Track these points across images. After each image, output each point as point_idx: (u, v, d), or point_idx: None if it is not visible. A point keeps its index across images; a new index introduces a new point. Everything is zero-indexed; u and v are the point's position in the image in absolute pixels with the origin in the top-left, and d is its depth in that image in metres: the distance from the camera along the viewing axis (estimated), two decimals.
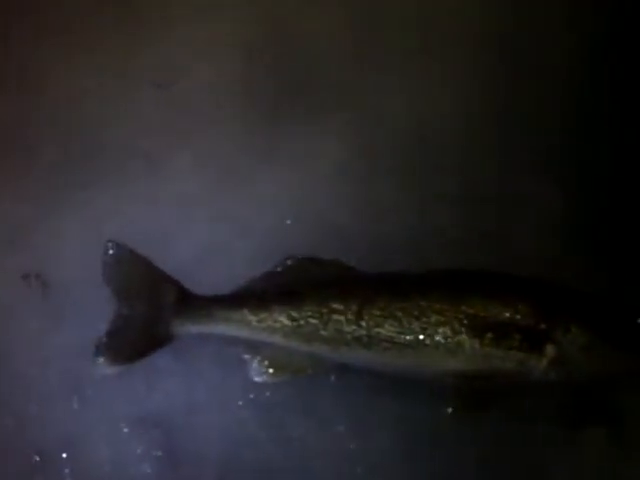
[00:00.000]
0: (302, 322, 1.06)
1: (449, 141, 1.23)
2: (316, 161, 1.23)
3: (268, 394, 1.12)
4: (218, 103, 1.26)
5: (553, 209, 1.19)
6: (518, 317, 1.02)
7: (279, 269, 1.11)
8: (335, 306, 1.06)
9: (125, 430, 1.12)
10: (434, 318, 1.03)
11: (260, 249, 1.15)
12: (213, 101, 1.26)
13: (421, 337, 1.03)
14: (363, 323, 1.05)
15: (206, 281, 1.12)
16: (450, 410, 1.04)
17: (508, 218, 1.18)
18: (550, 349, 1.02)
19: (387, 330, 1.04)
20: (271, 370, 1.08)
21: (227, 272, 1.14)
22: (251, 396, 1.12)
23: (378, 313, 1.04)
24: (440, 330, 1.03)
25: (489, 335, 1.02)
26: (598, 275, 1.14)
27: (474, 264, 1.10)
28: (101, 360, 1.07)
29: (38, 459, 1.10)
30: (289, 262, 1.11)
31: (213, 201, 1.22)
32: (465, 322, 1.02)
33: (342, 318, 1.05)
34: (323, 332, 1.06)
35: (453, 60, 1.29)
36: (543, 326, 1.02)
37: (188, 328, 1.09)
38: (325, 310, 1.06)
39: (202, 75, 1.28)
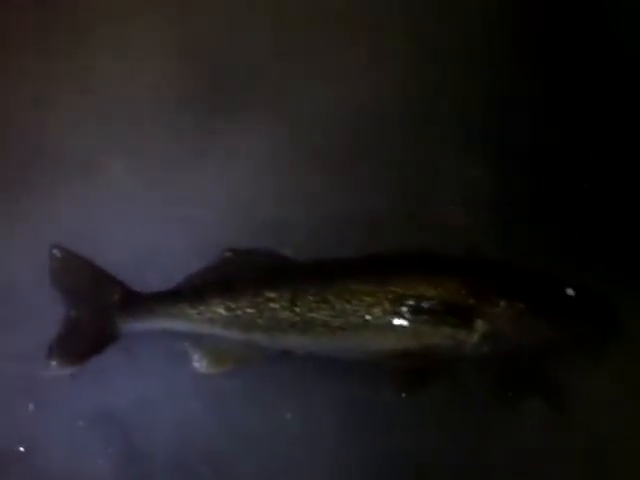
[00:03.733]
0: (239, 312, 1.09)
1: (374, 126, 1.25)
2: (247, 157, 1.25)
3: (217, 385, 1.14)
4: (150, 105, 1.28)
5: (477, 184, 1.21)
6: (446, 294, 1.05)
7: (216, 263, 1.14)
8: (270, 295, 1.09)
9: (81, 429, 1.15)
10: (364, 300, 1.06)
11: (198, 245, 1.18)
12: (145, 104, 1.28)
13: (352, 319, 1.06)
14: (297, 309, 1.08)
15: (149, 279, 1.15)
16: (403, 395, 1.08)
17: (434, 197, 1.20)
18: (480, 323, 1.04)
19: (320, 315, 1.07)
20: (213, 361, 1.11)
21: (168, 269, 1.17)
22: (199, 388, 1.15)
23: (311, 299, 1.07)
24: (371, 311, 1.05)
25: (418, 313, 1.04)
26: (524, 248, 1.16)
27: (405, 245, 1.13)
28: (53, 362, 1.10)
29: None
30: (226, 255, 1.14)
31: (149, 201, 1.24)
32: (394, 301, 1.05)
33: (277, 306, 1.08)
34: (259, 320, 1.09)
35: (375, 46, 1.30)
36: (471, 301, 1.05)
37: (133, 326, 1.12)
38: (260, 299, 1.09)
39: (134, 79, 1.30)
